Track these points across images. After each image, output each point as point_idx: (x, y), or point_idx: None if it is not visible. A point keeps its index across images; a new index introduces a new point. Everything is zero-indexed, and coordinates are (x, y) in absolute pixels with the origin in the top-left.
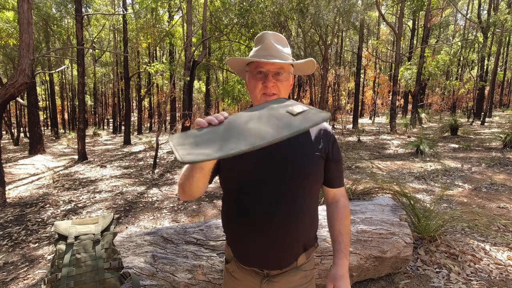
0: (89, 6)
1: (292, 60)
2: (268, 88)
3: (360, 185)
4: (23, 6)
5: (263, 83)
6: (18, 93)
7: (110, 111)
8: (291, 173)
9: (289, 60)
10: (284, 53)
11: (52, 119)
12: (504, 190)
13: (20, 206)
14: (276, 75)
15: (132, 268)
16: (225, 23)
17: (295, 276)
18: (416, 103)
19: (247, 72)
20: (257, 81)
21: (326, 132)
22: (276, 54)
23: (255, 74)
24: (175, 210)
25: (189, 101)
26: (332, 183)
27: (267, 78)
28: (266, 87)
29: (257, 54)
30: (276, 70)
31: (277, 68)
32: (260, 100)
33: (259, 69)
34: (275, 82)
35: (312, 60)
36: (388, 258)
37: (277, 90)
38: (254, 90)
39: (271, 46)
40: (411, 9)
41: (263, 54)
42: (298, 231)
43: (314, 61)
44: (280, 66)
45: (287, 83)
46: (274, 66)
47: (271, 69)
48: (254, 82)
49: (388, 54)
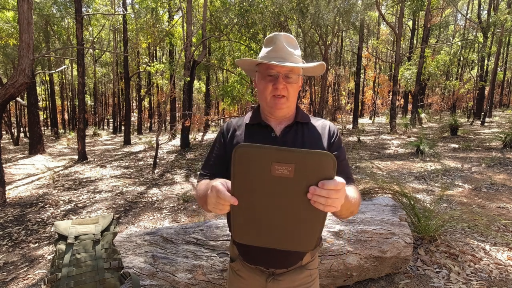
0: (89, 6)
1: (302, 63)
2: (278, 90)
3: (360, 185)
4: (23, 6)
5: (274, 85)
6: (18, 93)
7: (110, 111)
8: None
9: (300, 63)
10: (295, 55)
11: (52, 119)
12: (504, 190)
13: (20, 206)
14: (286, 78)
15: (132, 268)
16: (225, 23)
17: (300, 275)
18: (416, 103)
19: (257, 72)
20: (267, 82)
21: (331, 131)
22: (287, 57)
23: (265, 76)
24: (175, 210)
25: (189, 101)
26: None
27: (277, 80)
28: (277, 89)
29: (268, 56)
30: (286, 73)
31: (287, 71)
32: (270, 102)
33: (269, 71)
34: (285, 84)
35: (323, 64)
36: (388, 258)
37: (286, 92)
38: (264, 91)
39: (283, 48)
40: (411, 9)
41: (274, 56)
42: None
43: (325, 65)
44: (291, 68)
45: (297, 85)
46: (284, 69)
47: (282, 71)
48: (264, 83)
49: (388, 54)
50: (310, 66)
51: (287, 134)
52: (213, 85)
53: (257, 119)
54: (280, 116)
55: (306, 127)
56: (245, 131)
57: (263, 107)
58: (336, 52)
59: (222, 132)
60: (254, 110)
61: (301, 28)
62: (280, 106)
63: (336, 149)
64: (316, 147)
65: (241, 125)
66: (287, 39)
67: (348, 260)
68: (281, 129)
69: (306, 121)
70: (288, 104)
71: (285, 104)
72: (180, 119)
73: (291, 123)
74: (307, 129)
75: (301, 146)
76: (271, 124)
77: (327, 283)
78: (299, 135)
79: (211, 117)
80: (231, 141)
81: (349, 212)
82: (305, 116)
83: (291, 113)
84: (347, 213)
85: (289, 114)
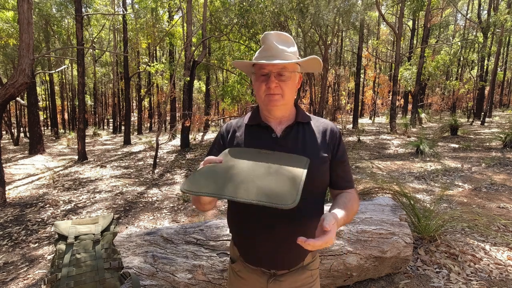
0: (89, 6)
1: (297, 59)
2: (270, 89)
3: (360, 185)
4: (23, 6)
5: (266, 84)
6: (18, 93)
7: (110, 111)
8: None
9: (292, 59)
10: (287, 52)
11: (52, 119)
12: (504, 190)
13: (20, 206)
14: (278, 76)
15: (132, 268)
16: (225, 23)
17: (302, 275)
18: (416, 103)
19: (253, 74)
20: (260, 82)
21: (333, 132)
22: (277, 54)
23: (259, 76)
24: (175, 210)
25: (189, 101)
26: (335, 184)
27: (269, 79)
28: (269, 88)
29: (259, 56)
30: (278, 71)
31: (279, 69)
32: (264, 100)
33: (262, 71)
34: (278, 82)
35: (315, 58)
36: (388, 258)
37: (280, 90)
38: (258, 91)
39: (272, 46)
40: (411, 9)
41: (264, 55)
42: (305, 233)
43: (318, 58)
44: (283, 66)
45: (291, 83)
46: (276, 67)
47: (273, 70)
48: (258, 83)
49: (388, 54)
50: (300, 61)
51: (288, 135)
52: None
53: (257, 119)
54: (278, 115)
55: (307, 127)
56: (245, 132)
57: (261, 107)
58: (336, 52)
59: (222, 134)
60: (253, 111)
61: (301, 28)
62: (274, 103)
63: (338, 151)
64: (316, 148)
65: (241, 126)
66: (279, 37)
67: (348, 260)
68: (281, 130)
69: (307, 121)
70: (283, 102)
71: (280, 101)
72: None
73: (292, 123)
74: (308, 129)
75: (302, 146)
76: (271, 125)
77: (327, 283)
78: (300, 136)
79: (211, 117)
80: (231, 143)
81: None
82: (306, 116)
83: (289, 112)
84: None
85: (288, 113)
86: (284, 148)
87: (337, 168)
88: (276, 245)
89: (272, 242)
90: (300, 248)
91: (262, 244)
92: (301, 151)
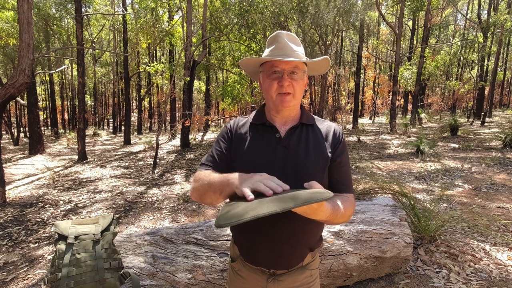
0: (89, 6)
1: (306, 59)
2: (283, 88)
3: (360, 185)
4: (23, 6)
5: (279, 82)
6: (18, 93)
7: (110, 111)
8: (302, 177)
9: (303, 59)
10: (298, 52)
11: (52, 119)
12: (504, 190)
13: (20, 206)
14: (291, 74)
15: (132, 268)
16: (225, 23)
17: (301, 275)
18: (416, 103)
19: (261, 73)
20: (272, 80)
21: (336, 134)
22: (291, 53)
23: (270, 74)
24: (175, 210)
25: (189, 101)
26: (332, 186)
27: (282, 77)
28: (282, 86)
29: (272, 54)
30: (291, 69)
31: (292, 67)
32: (276, 100)
33: (274, 69)
34: (291, 81)
35: (327, 59)
36: (388, 258)
37: (292, 89)
38: (269, 90)
39: (286, 45)
40: (411, 9)
41: (278, 54)
42: (305, 233)
43: (329, 60)
44: (295, 65)
45: (302, 83)
46: (289, 65)
47: (286, 68)
48: (269, 81)
49: (388, 54)
50: (314, 61)
51: (291, 136)
52: (213, 85)
53: (262, 119)
54: (286, 115)
55: (311, 129)
56: (250, 130)
57: (269, 106)
58: (336, 52)
59: (230, 128)
60: (258, 110)
61: (301, 28)
62: (286, 104)
63: (339, 154)
64: (319, 151)
65: (246, 124)
66: (289, 37)
67: (348, 260)
68: (285, 130)
69: (311, 122)
70: (294, 102)
71: (291, 101)
72: (180, 119)
73: (296, 124)
74: (312, 131)
75: (305, 148)
76: (276, 125)
77: (327, 283)
78: (303, 137)
79: (211, 117)
80: (237, 139)
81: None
82: (310, 118)
83: (296, 113)
84: (334, 221)
85: (294, 114)
86: (286, 148)
87: (335, 170)
88: (276, 245)
89: (272, 242)
90: (300, 248)
91: (262, 244)
92: (304, 152)
